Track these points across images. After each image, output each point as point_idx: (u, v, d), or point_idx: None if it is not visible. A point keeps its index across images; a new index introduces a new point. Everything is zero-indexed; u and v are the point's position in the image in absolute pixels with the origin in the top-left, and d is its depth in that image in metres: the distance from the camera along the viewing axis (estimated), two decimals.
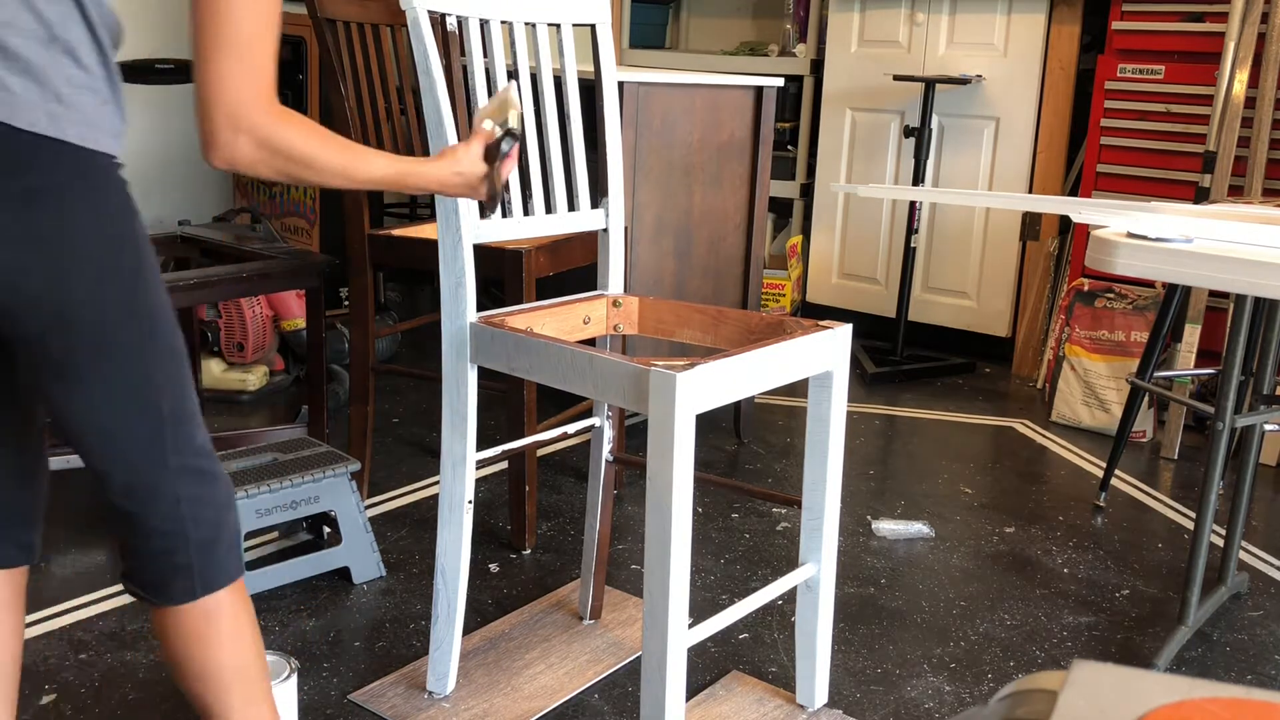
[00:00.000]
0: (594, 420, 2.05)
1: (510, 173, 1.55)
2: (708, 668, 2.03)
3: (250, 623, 1.38)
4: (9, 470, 1.36)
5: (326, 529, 2.42)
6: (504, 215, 1.83)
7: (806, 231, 4.60)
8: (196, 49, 1.21)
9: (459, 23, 1.80)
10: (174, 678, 1.37)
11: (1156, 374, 2.95)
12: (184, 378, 1.30)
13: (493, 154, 1.49)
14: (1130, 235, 1.72)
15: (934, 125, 4.06)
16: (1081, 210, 2.04)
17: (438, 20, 1.77)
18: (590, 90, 2.99)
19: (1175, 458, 3.26)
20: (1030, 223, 3.95)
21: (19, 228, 1.15)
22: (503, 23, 1.83)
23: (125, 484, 1.28)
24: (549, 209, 1.93)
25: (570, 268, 2.52)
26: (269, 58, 1.23)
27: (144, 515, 1.29)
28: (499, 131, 1.50)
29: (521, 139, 1.58)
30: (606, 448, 2.05)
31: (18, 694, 1.44)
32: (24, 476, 1.38)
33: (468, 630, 2.12)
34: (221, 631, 1.35)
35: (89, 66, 1.18)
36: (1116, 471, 3.11)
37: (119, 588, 2.20)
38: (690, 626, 1.62)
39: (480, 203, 1.55)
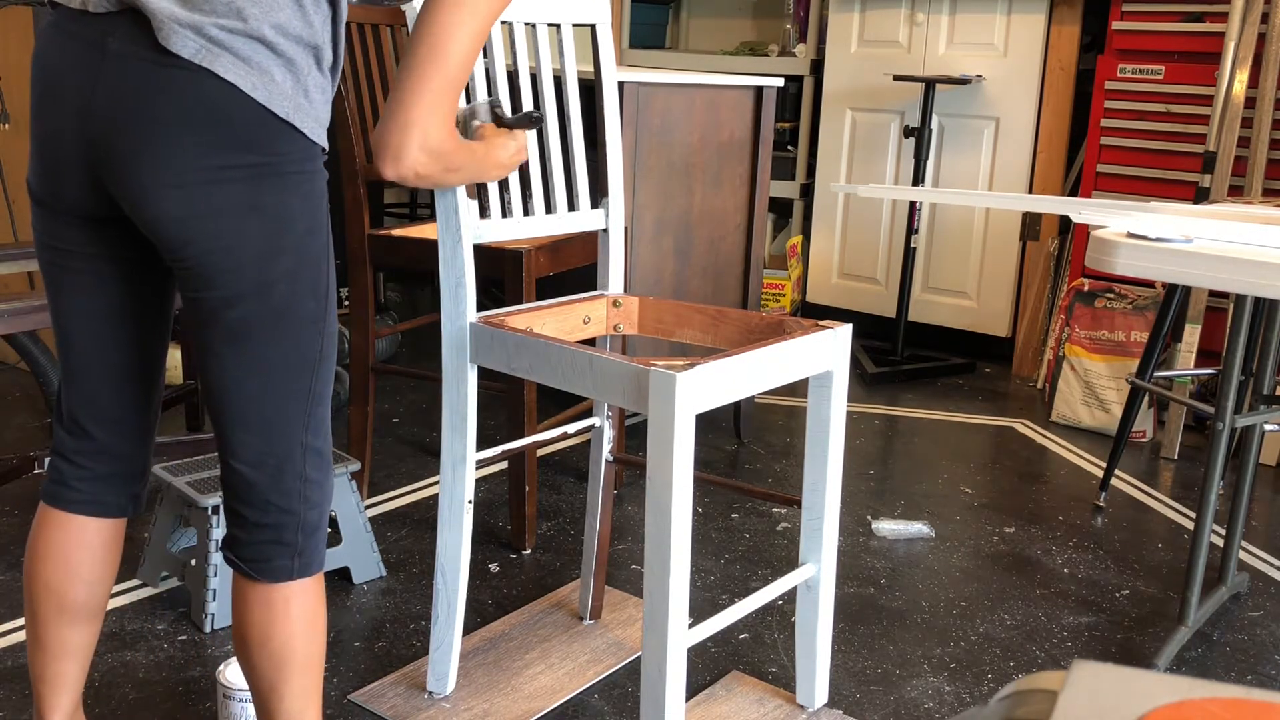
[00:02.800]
0: (594, 420, 2.05)
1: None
2: (708, 668, 2.03)
3: (324, 617, 1.42)
4: (133, 431, 1.46)
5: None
6: (504, 215, 1.83)
7: (806, 231, 4.60)
8: (408, 70, 1.33)
9: None
10: (240, 653, 1.39)
11: (1156, 374, 2.95)
12: (333, 362, 1.37)
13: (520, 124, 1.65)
14: (1130, 235, 1.72)
15: (934, 125, 4.06)
16: (1081, 210, 2.05)
17: None
18: (590, 90, 3.00)
19: (1175, 458, 3.26)
20: (1030, 223, 3.95)
21: (247, 198, 1.24)
22: (503, 23, 1.83)
23: (259, 453, 1.33)
24: (549, 209, 1.93)
25: (570, 268, 2.52)
26: (462, 85, 1.37)
27: (266, 487, 1.34)
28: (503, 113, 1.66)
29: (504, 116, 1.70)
30: (606, 448, 2.05)
31: (99, 632, 1.53)
32: (143, 437, 1.48)
33: (468, 630, 2.12)
34: (304, 615, 1.38)
35: (325, 71, 1.30)
36: (1116, 471, 3.11)
37: (119, 588, 2.20)
38: (690, 626, 1.62)
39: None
